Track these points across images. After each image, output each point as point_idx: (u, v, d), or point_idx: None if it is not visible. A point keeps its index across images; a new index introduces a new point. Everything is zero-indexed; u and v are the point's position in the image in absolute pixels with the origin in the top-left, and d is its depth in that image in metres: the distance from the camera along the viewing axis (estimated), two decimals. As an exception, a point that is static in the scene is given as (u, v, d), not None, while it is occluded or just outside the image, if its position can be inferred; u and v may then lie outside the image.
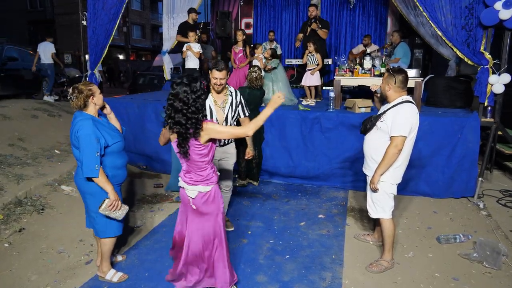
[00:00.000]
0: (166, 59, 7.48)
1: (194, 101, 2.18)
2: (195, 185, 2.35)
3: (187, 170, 2.37)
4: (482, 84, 4.34)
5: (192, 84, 2.20)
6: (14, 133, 5.58)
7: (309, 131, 4.79)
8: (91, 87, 2.60)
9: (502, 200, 4.23)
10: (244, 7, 9.30)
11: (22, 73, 8.79)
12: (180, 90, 2.18)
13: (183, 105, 2.17)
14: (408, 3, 6.35)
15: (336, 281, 2.81)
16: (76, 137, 2.47)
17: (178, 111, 2.18)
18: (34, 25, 30.06)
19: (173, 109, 2.20)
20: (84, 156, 2.44)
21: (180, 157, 2.34)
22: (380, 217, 2.94)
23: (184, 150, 2.23)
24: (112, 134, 2.64)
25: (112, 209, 2.55)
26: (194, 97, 2.18)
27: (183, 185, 2.42)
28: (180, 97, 2.17)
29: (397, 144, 2.69)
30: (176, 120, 2.19)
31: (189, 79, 2.21)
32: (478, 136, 4.25)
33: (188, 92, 2.17)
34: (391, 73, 2.81)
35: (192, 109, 2.17)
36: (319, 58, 5.71)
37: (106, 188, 2.52)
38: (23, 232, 3.40)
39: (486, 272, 2.92)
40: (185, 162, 2.36)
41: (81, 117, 2.54)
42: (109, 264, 2.82)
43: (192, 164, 2.32)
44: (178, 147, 2.25)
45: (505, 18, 4.00)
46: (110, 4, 5.53)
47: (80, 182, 2.59)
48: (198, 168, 2.33)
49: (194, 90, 2.19)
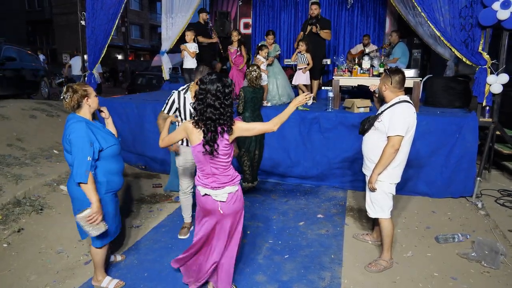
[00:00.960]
0: (164, 59, 7.48)
1: (227, 96, 2.17)
2: (223, 187, 2.27)
3: (211, 173, 2.27)
4: (480, 84, 4.35)
5: (223, 79, 2.18)
6: (12, 133, 5.57)
7: (308, 131, 4.79)
8: (86, 88, 2.49)
9: (500, 200, 4.24)
10: (243, 7, 9.31)
11: (20, 73, 8.77)
12: (211, 87, 2.14)
13: (216, 99, 2.13)
14: (407, 3, 6.37)
15: (335, 281, 2.81)
16: (68, 140, 2.35)
17: (210, 106, 2.13)
18: (32, 25, 30.02)
19: (204, 104, 2.14)
20: (75, 160, 2.31)
21: (203, 160, 2.24)
22: (379, 217, 2.95)
23: (212, 149, 2.16)
24: (107, 138, 2.52)
25: (89, 221, 2.34)
26: (227, 92, 2.17)
27: (208, 191, 2.28)
28: (213, 92, 2.13)
29: (394, 144, 2.70)
30: (207, 116, 2.13)
31: (218, 76, 2.19)
32: (476, 136, 4.27)
33: (220, 87, 2.14)
34: (387, 73, 2.83)
35: (226, 103, 2.16)
36: (309, 57, 5.73)
37: (92, 197, 2.34)
38: (22, 232, 3.39)
39: (484, 271, 2.93)
40: (208, 165, 2.25)
41: (74, 120, 2.42)
42: (103, 272, 2.72)
43: (218, 165, 2.24)
44: (206, 146, 2.16)
45: (503, 18, 4.02)
46: (108, 4, 5.52)
47: (71, 187, 2.46)
48: (224, 169, 2.26)
49: (226, 84, 2.17)
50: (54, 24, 28.21)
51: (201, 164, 2.28)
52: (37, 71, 9.61)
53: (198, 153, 2.23)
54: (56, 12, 27.79)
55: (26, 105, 7.09)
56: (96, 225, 2.38)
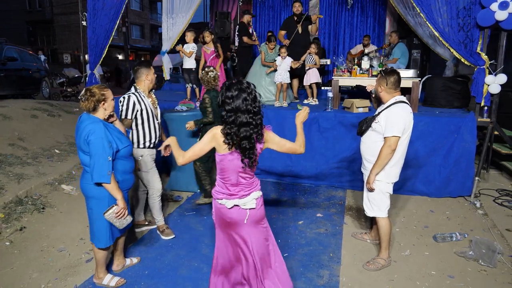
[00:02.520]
0: (165, 59, 7.50)
1: (254, 102, 1.99)
2: (249, 194, 2.13)
3: (235, 183, 2.11)
4: (478, 84, 4.38)
5: (243, 87, 1.98)
6: (14, 133, 5.61)
7: (307, 131, 4.82)
8: (104, 92, 2.51)
9: (498, 199, 4.27)
10: (243, 8, 9.33)
11: (21, 73, 8.82)
12: (238, 102, 1.95)
13: (248, 113, 1.96)
14: (406, 3, 6.40)
15: (333, 279, 2.84)
16: (86, 142, 2.37)
17: (243, 125, 1.96)
18: (33, 25, 30.07)
19: (236, 125, 1.96)
20: (96, 161, 2.35)
21: (231, 169, 2.07)
22: (376, 216, 2.98)
23: (252, 160, 2.02)
24: (121, 138, 2.58)
25: (118, 216, 2.50)
26: (253, 97, 2.00)
27: (236, 202, 2.10)
28: (243, 108, 1.95)
29: (391, 144, 2.73)
30: (242, 136, 1.96)
31: (237, 86, 1.98)
32: (474, 136, 4.30)
33: (247, 98, 1.96)
34: (382, 74, 2.85)
35: (255, 111, 1.99)
36: (317, 59, 5.75)
37: (116, 195, 2.45)
38: (24, 231, 3.43)
39: (481, 270, 2.96)
40: (236, 174, 2.08)
41: (90, 121, 2.43)
42: (104, 270, 2.77)
43: (247, 174, 2.11)
44: (246, 161, 2.02)
45: (501, 19, 4.05)
46: (109, 4, 5.55)
47: (87, 187, 2.51)
48: (251, 177, 2.15)
49: (249, 91, 1.98)
50: (54, 24, 28.26)
51: (227, 174, 2.09)
52: (38, 71, 9.66)
53: (227, 162, 2.06)
54: (56, 12, 27.85)
55: (28, 105, 7.13)
56: (124, 219, 2.55)
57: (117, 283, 2.74)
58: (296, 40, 6.08)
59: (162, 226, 3.53)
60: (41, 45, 29.70)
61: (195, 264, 3.01)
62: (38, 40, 30.44)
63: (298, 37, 6.11)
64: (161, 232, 3.51)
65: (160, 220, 3.54)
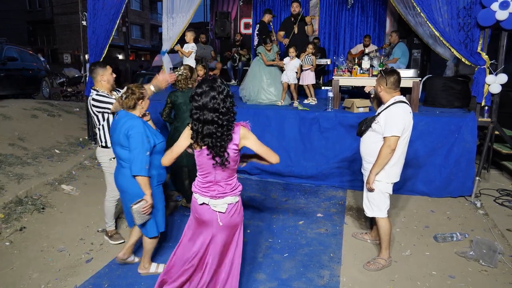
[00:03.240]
0: (165, 59, 7.49)
1: (224, 102, 1.96)
2: (223, 197, 2.10)
3: (213, 181, 2.09)
4: (479, 84, 4.37)
5: (215, 86, 1.95)
6: (14, 133, 5.60)
7: (307, 131, 4.82)
8: (143, 90, 2.65)
9: (499, 199, 4.26)
10: (243, 8, 9.35)
11: (22, 73, 8.81)
12: (206, 99, 1.93)
13: (214, 112, 1.94)
14: (406, 3, 6.39)
15: (334, 279, 2.84)
16: (127, 136, 2.50)
17: (208, 122, 1.95)
18: (33, 25, 30.07)
19: (201, 123, 1.96)
20: (136, 154, 2.47)
21: (207, 166, 2.06)
22: (376, 216, 2.97)
23: (223, 160, 2.00)
24: (157, 134, 2.70)
25: (143, 212, 2.54)
26: (223, 97, 1.96)
27: (206, 200, 2.10)
28: (210, 106, 1.93)
29: (390, 144, 2.73)
30: (205, 133, 1.96)
31: (208, 83, 1.97)
32: (475, 135, 4.29)
33: (216, 97, 1.93)
34: (382, 74, 2.85)
35: (223, 111, 1.95)
36: (314, 60, 5.78)
37: (147, 190, 2.53)
38: (24, 231, 3.43)
39: (482, 270, 2.95)
40: (212, 173, 2.07)
41: (129, 117, 2.57)
42: (150, 260, 2.91)
43: (224, 173, 2.07)
44: (217, 158, 1.99)
45: (502, 19, 4.04)
46: (110, 4, 5.55)
47: (125, 181, 2.62)
48: (228, 177, 2.10)
49: (220, 90, 1.95)
50: (55, 24, 28.24)
51: (205, 170, 2.09)
52: (38, 71, 9.66)
53: (203, 159, 2.06)
54: (57, 12, 27.83)
55: (28, 105, 7.13)
56: (147, 215, 2.60)
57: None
58: (292, 41, 6.12)
59: (111, 231, 3.44)
60: (41, 45, 29.71)
61: (195, 264, 3.00)
62: (38, 40, 30.44)
63: (294, 38, 6.16)
64: (110, 237, 3.41)
65: (111, 226, 3.44)
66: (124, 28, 7.90)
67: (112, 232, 3.44)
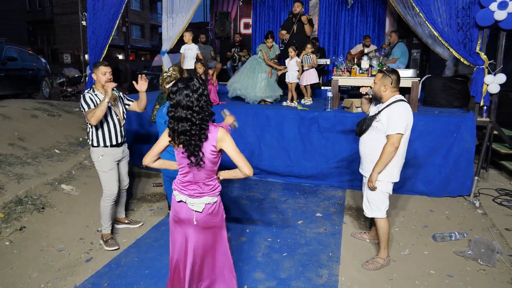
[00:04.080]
0: (165, 59, 7.49)
1: (198, 100, 1.96)
2: (201, 197, 2.10)
3: (192, 181, 2.09)
4: (478, 84, 4.38)
5: (189, 84, 1.96)
6: (14, 132, 5.61)
7: (307, 130, 4.83)
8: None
9: (497, 199, 4.27)
10: (243, 8, 9.35)
11: (21, 73, 8.82)
12: (180, 97, 1.95)
13: (187, 110, 1.95)
14: (406, 3, 6.39)
15: (332, 278, 2.85)
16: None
17: (182, 120, 1.96)
18: (33, 25, 30.09)
19: (175, 120, 1.98)
20: None
21: (186, 165, 2.06)
22: (375, 216, 2.98)
23: (198, 159, 2.00)
24: None
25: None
26: (197, 96, 1.96)
27: (184, 198, 2.10)
28: (183, 104, 1.94)
29: (394, 142, 2.74)
30: (180, 131, 1.97)
31: (183, 81, 1.98)
32: (474, 135, 4.30)
33: (190, 95, 1.95)
34: (386, 74, 2.85)
35: (196, 109, 1.96)
36: (314, 58, 5.76)
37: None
38: (24, 231, 3.44)
39: (480, 269, 2.96)
40: (190, 172, 2.08)
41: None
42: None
43: (202, 173, 2.07)
44: (192, 158, 2.00)
45: (501, 19, 4.05)
46: (109, 4, 5.55)
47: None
48: (207, 178, 2.09)
49: (194, 89, 1.96)
50: (55, 24, 28.26)
51: (184, 169, 2.10)
52: (38, 71, 9.66)
53: (180, 158, 2.07)
54: (57, 12, 27.86)
55: (28, 105, 7.14)
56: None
57: None
58: (290, 40, 6.15)
59: (107, 235, 3.34)
60: (41, 45, 29.74)
61: (194, 264, 3.01)
62: (38, 40, 30.46)
63: (293, 37, 6.17)
64: (105, 242, 3.31)
65: (106, 228, 3.34)
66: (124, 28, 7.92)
67: (107, 236, 3.34)
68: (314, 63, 5.77)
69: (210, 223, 2.15)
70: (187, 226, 2.14)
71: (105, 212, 3.32)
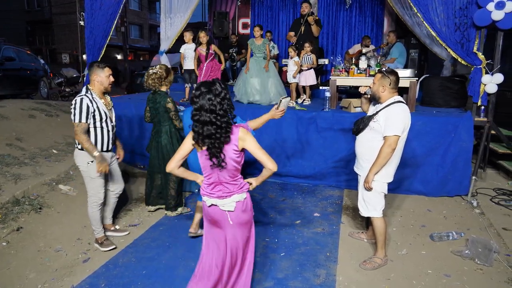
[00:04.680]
0: (163, 59, 7.50)
1: (221, 104, 2.02)
2: (230, 196, 2.16)
3: (217, 182, 2.15)
4: (475, 84, 4.39)
5: (212, 88, 2.01)
6: (11, 133, 5.60)
7: (305, 130, 4.83)
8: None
9: (495, 199, 4.28)
10: (241, 7, 9.34)
11: (19, 73, 8.81)
12: (203, 101, 1.99)
13: (211, 113, 2.00)
14: (404, 3, 6.41)
15: (330, 278, 2.85)
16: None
17: (207, 123, 2.00)
18: (32, 25, 30.03)
19: (201, 124, 2.02)
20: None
21: (210, 167, 2.11)
22: (371, 216, 2.99)
23: (220, 161, 2.05)
24: None
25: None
26: (219, 100, 2.01)
27: (214, 201, 2.16)
28: (206, 107, 1.99)
29: (391, 143, 2.74)
30: (205, 134, 2.02)
31: (206, 86, 2.03)
32: (471, 135, 4.31)
33: (212, 99, 1.99)
34: (385, 74, 2.85)
35: (221, 113, 2.01)
36: (314, 58, 5.73)
37: None
38: (21, 231, 3.43)
39: (477, 268, 2.97)
40: (214, 173, 2.13)
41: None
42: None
43: (225, 174, 2.12)
44: (214, 159, 2.06)
45: (498, 19, 4.06)
46: (107, 4, 5.55)
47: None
48: (231, 178, 2.14)
49: (216, 93, 2.01)
50: (53, 24, 28.21)
51: (208, 172, 2.15)
52: (36, 71, 9.65)
53: (203, 160, 2.13)
54: (55, 12, 27.79)
55: (25, 105, 7.12)
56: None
57: None
58: (298, 41, 6.12)
59: (101, 238, 3.31)
60: (39, 45, 29.67)
61: (192, 264, 3.00)
62: (37, 40, 30.39)
63: (301, 38, 6.14)
64: (100, 244, 3.28)
65: (99, 232, 3.30)
66: (123, 28, 7.91)
67: (102, 239, 3.30)
68: (314, 63, 5.74)
69: (244, 219, 2.23)
70: (224, 226, 2.21)
71: (95, 217, 3.25)
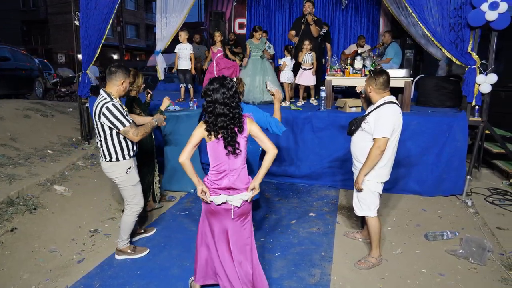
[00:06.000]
0: (159, 59, 7.47)
1: (233, 97, 2.20)
2: (239, 193, 2.29)
3: (228, 169, 2.26)
4: (469, 84, 4.41)
5: (224, 83, 2.19)
6: (6, 133, 5.57)
7: (300, 130, 4.84)
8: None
9: (489, 198, 4.30)
10: (237, 7, 9.34)
11: (15, 73, 8.76)
12: (217, 95, 2.16)
13: (225, 106, 2.16)
14: (399, 3, 6.43)
15: (324, 278, 2.86)
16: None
17: (220, 115, 2.17)
18: (27, 25, 29.86)
19: (214, 115, 2.18)
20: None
21: (221, 155, 2.24)
22: (365, 215, 2.99)
23: (234, 148, 2.21)
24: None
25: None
26: (232, 93, 2.19)
27: (224, 199, 2.28)
28: (220, 101, 2.16)
29: (380, 145, 2.74)
30: (220, 125, 2.18)
31: (219, 81, 2.20)
32: (466, 135, 4.33)
33: (226, 92, 2.17)
34: (371, 75, 2.86)
35: (233, 105, 2.19)
36: (314, 57, 5.70)
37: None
38: (15, 232, 3.41)
39: (471, 267, 2.99)
40: (227, 162, 2.25)
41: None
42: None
43: (238, 160, 2.27)
44: (229, 147, 2.21)
45: (492, 19, 4.08)
46: (102, 4, 5.53)
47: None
48: (240, 166, 2.29)
49: (229, 87, 2.19)
50: (49, 23, 28.07)
51: (219, 161, 2.27)
52: (32, 71, 9.60)
53: (217, 149, 2.25)
54: (51, 12, 27.66)
55: (20, 105, 7.09)
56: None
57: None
58: (299, 41, 6.08)
59: (131, 247, 3.17)
60: (35, 44, 29.50)
61: (187, 264, 3.01)
62: (33, 40, 30.22)
63: (302, 38, 6.11)
64: (133, 251, 3.14)
65: (127, 242, 3.13)
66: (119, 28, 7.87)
67: (131, 248, 3.15)
68: (314, 62, 5.68)
69: (246, 210, 2.38)
70: (224, 218, 2.35)
71: (130, 226, 3.09)
